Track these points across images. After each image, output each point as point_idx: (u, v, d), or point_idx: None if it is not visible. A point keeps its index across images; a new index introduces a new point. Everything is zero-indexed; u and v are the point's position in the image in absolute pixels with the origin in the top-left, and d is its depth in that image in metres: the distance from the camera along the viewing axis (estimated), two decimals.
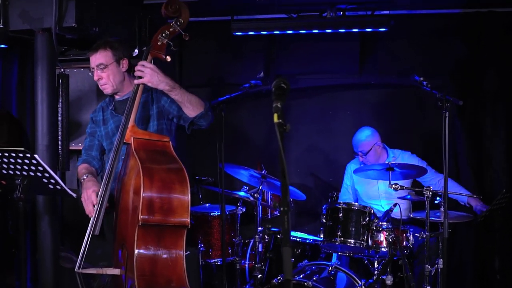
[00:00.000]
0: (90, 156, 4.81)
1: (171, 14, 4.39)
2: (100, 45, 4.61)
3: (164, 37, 4.37)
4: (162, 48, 4.38)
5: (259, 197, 5.64)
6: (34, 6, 5.34)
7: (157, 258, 3.96)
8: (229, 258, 5.98)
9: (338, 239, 5.30)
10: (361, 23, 6.10)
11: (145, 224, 3.90)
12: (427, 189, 5.14)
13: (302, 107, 7.07)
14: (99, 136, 4.81)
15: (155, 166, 4.05)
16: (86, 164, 4.76)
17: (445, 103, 4.91)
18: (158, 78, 4.31)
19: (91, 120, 4.89)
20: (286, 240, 2.44)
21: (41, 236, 5.51)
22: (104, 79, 4.60)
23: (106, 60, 4.57)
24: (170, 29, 4.38)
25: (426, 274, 5.14)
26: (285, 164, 2.48)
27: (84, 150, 4.88)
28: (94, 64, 4.60)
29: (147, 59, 4.38)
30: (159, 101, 4.63)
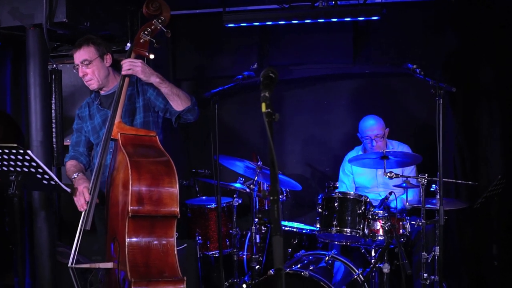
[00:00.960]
0: (77, 152, 4.84)
1: (153, 12, 4.46)
2: (83, 41, 4.64)
3: (146, 35, 4.43)
4: (145, 45, 4.44)
5: (255, 188, 5.65)
6: (24, 2, 5.34)
7: (149, 249, 4.00)
8: (226, 250, 6.01)
9: (334, 228, 5.31)
10: (353, 12, 6.07)
11: (135, 215, 3.96)
12: (422, 177, 5.14)
13: (297, 98, 7.07)
14: (85, 131, 4.83)
15: (143, 159, 4.10)
16: (74, 161, 4.79)
17: (438, 90, 4.89)
18: (149, 71, 4.38)
19: (77, 116, 4.92)
20: (277, 229, 2.44)
21: (38, 232, 5.52)
22: (89, 75, 4.63)
23: (90, 56, 4.61)
24: (152, 26, 4.45)
25: (423, 262, 5.15)
26: (274, 153, 2.47)
27: (71, 146, 4.91)
28: (78, 61, 4.63)
29: (131, 57, 4.42)
30: (145, 93, 4.66)
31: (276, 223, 2.45)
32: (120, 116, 4.33)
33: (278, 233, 2.42)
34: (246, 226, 6.13)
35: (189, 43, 7.06)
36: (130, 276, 3.88)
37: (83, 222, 4.26)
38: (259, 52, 6.89)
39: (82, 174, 4.58)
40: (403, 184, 5.38)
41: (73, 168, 4.69)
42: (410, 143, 6.28)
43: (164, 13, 4.47)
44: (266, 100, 2.57)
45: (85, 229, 4.25)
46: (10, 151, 4.11)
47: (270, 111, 2.56)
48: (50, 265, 5.55)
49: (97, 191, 4.31)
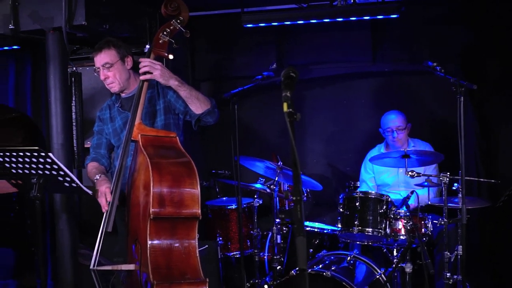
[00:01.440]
0: (98, 154, 4.84)
1: (171, 13, 4.43)
2: (103, 44, 4.63)
3: (165, 35, 4.41)
4: (164, 46, 4.42)
5: (276, 188, 5.63)
6: (43, 6, 5.37)
7: (171, 251, 3.99)
8: (247, 250, 5.99)
9: (356, 228, 5.29)
10: (372, 10, 6.04)
11: (157, 217, 3.94)
12: (444, 176, 5.10)
13: (317, 97, 7.04)
14: (106, 134, 4.83)
15: (163, 160, 4.09)
16: (95, 163, 4.79)
17: (459, 88, 4.87)
18: (168, 74, 4.37)
19: (98, 118, 4.92)
20: (300, 230, 2.43)
21: (59, 234, 5.55)
22: (110, 78, 4.62)
23: (111, 58, 4.60)
24: (170, 27, 4.43)
25: (445, 261, 5.11)
26: (296, 153, 2.46)
27: (92, 148, 4.91)
28: (100, 64, 4.63)
29: (150, 57, 4.41)
30: (166, 95, 4.65)
31: (299, 223, 2.44)
32: (140, 117, 4.33)
33: (301, 233, 2.41)
34: (267, 226, 6.11)
35: (208, 44, 7.07)
36: (152, 278, 3.87)
37: (105, 224, 4.26)
38: (278, 51, 6.88)
39: (104, 176, 4.57)
40: (424, 183, 5.34)
41: (94, 170, 4.69)
42: (432, 141, 6.25)
43: (182, 13, 4.44)
44: (287, 100, 2.56)
45: (107, 231, 4.25)
46: (32, 154, 4.12)
47: (291, 110, 2.55)
48: (71, 267, 5.58)
49: (118, 193, 4.30)
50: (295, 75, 2.68)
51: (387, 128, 6.05)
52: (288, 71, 2.68)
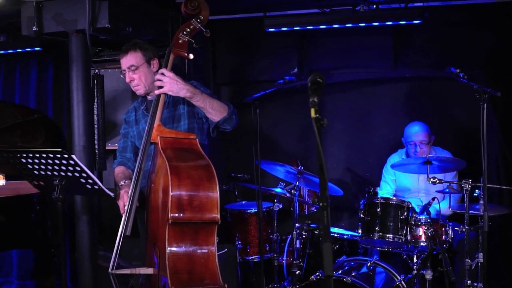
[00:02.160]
0: (125, 158, 4.82)
1: (191, 12, 4.37)
2: (130, 46, 4.61)
3: (185, 35, 4.36)
4: (184, 46, 4.36)
5: (296, 193, 5.62)
6: (67, 8, 5.39)
7: (189, 256, 3.95)
8: (266, 255, 5.97)
9: (376, 234, 5.27)
10: (395, 16, 6.03)
11: (175, 222, 3.90)
12: (466, 182, 5.07)
13: (337, 102, 7.02)
14: (131, 136, 4.81)
15: (182, 164, 4.04)
16: (122, 167, 4.77)
17: (482, 95, 4.84)
18: (177, 86, 4.28)
19: (124, 121, 4.89)
20: (326, 236, 2.42)
21: (79, 236, 5.57)
22: (136, 80, 4.58)
23: (137, 61, 4.57)
24: (190, 26, 4.37)
25: (466, 269, 5.08)
26: (323, 159, 2.45)
27: (118, 152, 4.90)
28: (125, 66, 4.59)
29: (170, 58, 4.38)
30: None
31: (326, 230, 2.42)
32: (159, 119, 4.28)
33: (327, 240, 2.39)
34: (286, 231, 6.11)
35: (230, 48, 7.07)
36: (171, 284, 3.84)
37: (123, 227, 4.22)
38: (299, 56, 6.88)
39: (128, 181, 4.51)
40: (446, 190, 5.31)
41: (121, 174, 4.67)
42: (452, 148, 6.22)
43: (203, 12, 4.38)
44: (315, 105, 2.55)
45: (125, 235, 4.21)
46: (55, 156, 4.12)
47: (318, 116, 2.54)
48: (91, 268, 5.58)
49: (136, 196, 4.25)
50: (321, 81, 2.67)
51: (410, 141, 6.02)
52: (315, 77, 2.66)
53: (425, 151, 5.93)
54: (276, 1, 6.27)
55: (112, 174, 4.97)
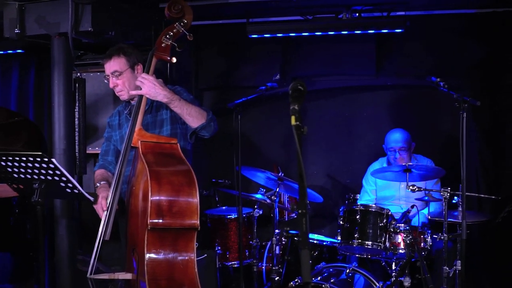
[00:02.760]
0: (106, 161, 4.79)
1: (175, 15, 4.37)
2: (114, 51, 4.57)
3: (168, 39, 4.36)
4: (167, 50, 4.36)
5: (276, 199, 5.63)
6: (50, 11, 5.38)
7: (168, 262, 3.93)
8: (246, 260, 5.98)
9: (355, 241, 5.29)
10: (377, 24, 6.08)
11: (155, 228, 3.88)
12: (444, 191, 5.11)
13: (319, 109, 7.05)
14: (114, 140, 4.78)
15: (163, 169, 4.03)
16: (102, 170, 4.74)
17: (462, 104, 4.87)
18: (155, 90, 4.26)
19: (108, 124, 4.87)
20: (305, 243, 2.43)
21: (58, 240, 5.55)
22: (119, 86, 4.55)
23: (121, 67, 4.53)
24: (174, 30, 4.37)
25: (444, 276, 5.11)
26: (303, 166, 2.46)
27: (100, 155, 4.87)
28: (109, 72, 4.56)
29: (152, 62, 4.38)
30: None
31: (304, 236, 2.44)
32: (140, 123, 4.28)
33: (306, 246, 2.40)
34: (266, 237, 6.11)
35: (212, 53, 7.06)
36: None
37: (102, 232, 4.20)
38: (282, 62, 6.88)
39: (105, 183, 4.52)
40: (425, 198, 5.34)
41: (99, 176, 4.64)
42: (433, 155, 6.26)
43: (186, 16, 4.37)
44: (295, 113, 2.56)
45: (104, 239, 4.19)
46: (35, 159, 4.09)
47: (299, 124, 2.55)
48: (70, 273, 5.57)
49: (116, 200, 4.24)
50: (303, 89, 2.69)
51: (390, 147, 6.05)
52: (296, 84, 2.68)
53: (404, 158, 5.97)
54: (259, 8, 6.28)
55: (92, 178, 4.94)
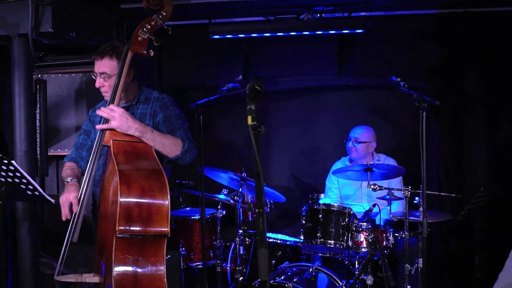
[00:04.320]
0: (79, 155, 4.61)
1: (153, 7, 4.18)
2: (107, 52, 4.34)
3: (145, 32, 4.16)
4: (143, 43, 4.17)
5: (239, 199, 5.65)
6: (10, 12, 5.32)
7: (137, 269, 3.84)
8: (210, 261, 5.97)
9: (318, 240, 5.32)
10: (338, 24, 6.12)
11: (123, 234, 3.79)
12: (405, 189, 5.16)
13: (282, 109, 7.09)
14: (93, 137, 4.53)
15: (134, 173, 3.90)
16: (73, 163, 4.56)
17: (422, 103, 4.93)
18: (127, 124, 4.07)
19: (88, 118, 4.68)
20: (262, 241, 2.45)
21: (21, 243, 5.48)
22: (105, 87, 4.35)
23: (111, 70, 4.31)
24: (151, 23, 4.18)
25: (406, 274, 5.16)
26: (260, 166, 2.48)
27: (75, 146, 4.68)
28: (98, 71, 4.35)
29: (127, 56, 4.17)
30: (156, 116, 4.42)
31: (262, 235, 2.46)
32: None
33: (263, 245, 2.42)
34: (230, 237, 6.13)
35: (175, 54, 7.04)
36: None
37: (70, 233, 4.08)
38: (245, 63, 6.90)
39: (75, 181, 4.33)
40: (386, 196, 5.40)
41: (69, 171, 4.44)
42: (395, 155, 6.34)
43: (165, 8, 4.19)
44: (252, 113, 2.58)
45: (72, 241, 4.07)
46: None
47: (256, 123, 2.57)
48: (33, 276, 5.51)
49: (85, 203, 4.11)
50: (260, 89, 2.70)
51: (349, 136, 6.16)
52: (254, 84, 2.70)
53: (357, 150, 6.06)
54: (221, 8, 6.29)
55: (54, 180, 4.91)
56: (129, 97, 4.46)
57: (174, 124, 4.39)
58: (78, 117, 6.31)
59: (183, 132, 4.36)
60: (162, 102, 4.42)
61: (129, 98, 4.46)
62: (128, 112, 4.26)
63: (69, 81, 6.34)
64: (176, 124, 4.39)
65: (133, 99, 4.45)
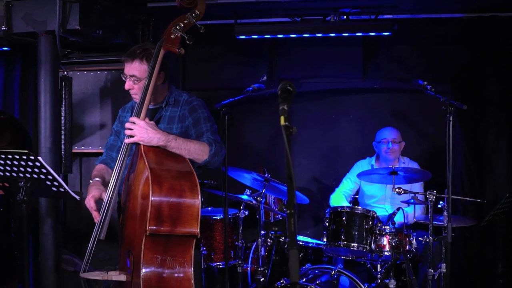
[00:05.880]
0: (109, 157, 4.56)
1: (187, 5, 4.13)
2: (138, 54, 4.24)
3: (178, 30, 4.10)
4: (176, 41, 4.12)
5: (262, 200, 5.63)
6: (37, 9, 5.36)
7: (165, 269, 3.82)
8: (231, 261, 5.96)
9: (341, 242, 5.30)
10: (365, 27, 6.11)
11: (153, 234, 3.76)
12: (430, 193, 5.13)
13: (305, 111, 7.06)
14: (123, 138, 4.35)
15: (165, 172, 3.87)
16: (102, 165, 4.52)
17: (449, 107, 4.90)
18: (148, 135, 3.98)
19: (118, 118, 4.62)
20: (293, 243, 2.43)
21: (43, 239, 5.52)
22: (135, 89, 4.26)
23: (141, 74, 4.22)
24: (185, 21, 4.13)
25: (429, 279, 5.13)
26: (292, 167, 2.46)
27: (105, 148, 4.63)
28: (128, 73, 4.26)
29: (160, 54, 4.11)
30: (185, 120, 4.34)
31: (292, 237, 2.44)
32: (144, 117, 4.05)
33: (294, 247, 2.40)
34: (251, 238, 6.12)
35: (200, 54, 7.04)
36: None
37: (97, 231, 4.04)
38: (269, 64, 6.88)
39: (97, 180, 4.29)
40: (411, 200, 5.37)
41: (96, 172, 4.41)
42: (418, 159, 6.30)
43: (199, 6, 4.15)
44: (284, 113, 2.56)
45: (99, 239, 4.03)
46: (21, 157, 4.07)
47: (288, 124, 2.55)
48: (55, 272, 5.54)
49: (113, 201, 4.07)
50: (292, 89, 2.70)
51: (383, 139, 6.12)
52: (286, 85, 2.69)
53: (396, 151, 6.04)
54: (247, 9, 6.28)
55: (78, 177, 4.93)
56: (159, 99, 4.38)
57: (202, 127, 4.32)
58: (102, 115, 6.33)
59: (210, 135, 4.29)
60: (191, 105, 4.36)
61: (158, 100, 4.38)
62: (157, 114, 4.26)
63: (94, 79, 6.38)
64: (205, 127, 4.32)
65: (162, 101, 4.38)
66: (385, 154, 6.09)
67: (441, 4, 6.33)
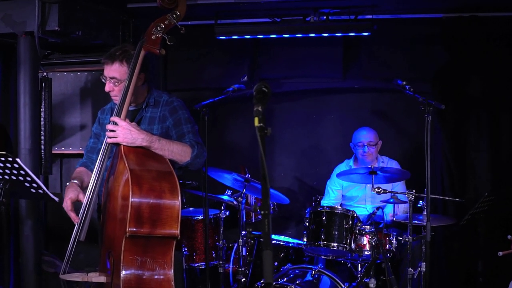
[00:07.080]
0: (89, 159, 4.54)
1: (168, 6, 4.12)
2: (118, 56, 4.22)
3: (158, 31, 4.09)
4: (157, 42, 4.10)
5: (243, 201, 5.64)
6: (17, 10, 5.33)
7: (144, 270, 3.81)
8: (212, 262, 5.96)
9: (321, 242, 5.31)
10: (344, 27, 6.12)
11: (133, 235, 3.75)
12: (409, 193, 5.16)
13: (287, 111, 7.08)
14: (103, 140, 4.35)
15: (145, 173, 3.86)
16: (82, 168, 4.49)
17: (427, 107, 4.93)
18: (132, 136, 3.97)
19: (97, 120, 4.60)
20: (267, 243, 2.44)
21: (24, 241, 5.49)
22: (115, 92, 4.24)
23: (121, 75, 4.20)
24: (165, 21, 4.12)
25: (409, 278, 5.15)
26: (266, 167, 2.47)
27: (85, 150, 4.61)
28: (108, 75, 4.24)
29: (140, 54, 4.09)
30: (165, 120, 4.34)
31: (267, 237, 2.44)
32: (124, 118, 4.04)
33: (268, 247, 2.41)
34: (233, 238, 6.12)
35: (181, 54, 7.03)
36: None
37: (77, 232, 4.03)
38: (250, 64, 6.89)
39: (75, 182, 4.25)
40: (390, 200, 5.40)
41: (75, 174, 4.38)
42: (399, 158, 6.33)
43: (179, 7, 4.14)
44: (259, 114, 2.57)
45: (79, 240, 4.02)
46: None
47: (262, 125, 2.56)
48: (35, 273, 5.52)
49: (93, 202, 4.06)
50: (267, 90, 2.70)
51: (358, 142, 6.12)
52: (261, 86, 2.69)
53: (372, 153, 6.04)
54: (228, 9, 6.28)
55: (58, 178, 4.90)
56: (139, 100, 4.37)
57: (183, 128, 4.32)
58: (82, 116, 6.31)
59: (192, 137, 4.30)
60: (171, 106, 4.35)
61: (138, 101, 4.37)
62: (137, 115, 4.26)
63: (74, 80, 6.35)
64: (186, 128, 4.32)
65: (142, 102, 4.38)
66: (362, 157, 6.12)
67: (422, 4, 6.35)
